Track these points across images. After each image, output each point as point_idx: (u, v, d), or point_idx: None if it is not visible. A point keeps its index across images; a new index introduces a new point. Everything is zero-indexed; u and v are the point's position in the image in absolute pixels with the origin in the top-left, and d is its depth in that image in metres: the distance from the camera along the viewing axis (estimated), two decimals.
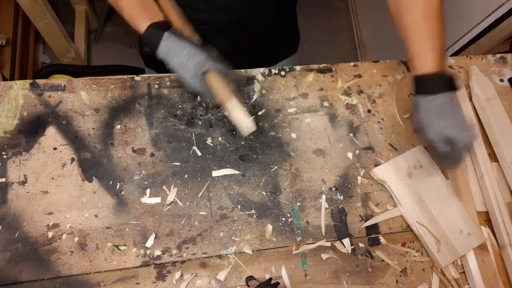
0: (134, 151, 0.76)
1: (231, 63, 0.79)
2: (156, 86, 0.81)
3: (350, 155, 0.81)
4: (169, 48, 0.68)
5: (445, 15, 0.69)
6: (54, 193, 0.71)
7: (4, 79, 1.41)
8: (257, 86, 0.84)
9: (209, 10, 0.83)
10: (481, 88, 0.87)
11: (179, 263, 0.70)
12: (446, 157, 0.70)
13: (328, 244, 0.74)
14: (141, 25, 0.69)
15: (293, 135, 0.81)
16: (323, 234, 0.75)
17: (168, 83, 0.82)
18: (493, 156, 0.83)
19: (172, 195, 0.73)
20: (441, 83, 0.66)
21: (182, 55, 0.68)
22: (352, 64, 0.90)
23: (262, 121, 0.81)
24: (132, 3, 0.71)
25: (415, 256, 0.76)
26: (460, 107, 0.68)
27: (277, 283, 0.65)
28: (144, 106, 0.79)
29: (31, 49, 1.74)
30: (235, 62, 0.84)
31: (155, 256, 0.69)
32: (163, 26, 0.69)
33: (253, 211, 0.75)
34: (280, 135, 0.81)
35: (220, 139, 0.79)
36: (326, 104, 0.85)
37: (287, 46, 1.08)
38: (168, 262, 0.70)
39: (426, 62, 0.66)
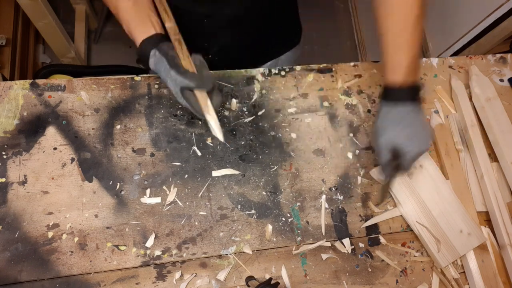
0: (134, 151, 0.76)
1: (236, 56, 0.79)
2: (156, 86, 0.81)
3: (350, 155, 0.81)
4: (155, 64, 0.70)
5: (426, 23, 0.69)
6: (54, 193, 0.71)
7: (4, 79, 1.41)
8: (257, 86, 0.84)
9: (213, 2, 0.83)
10: (481, 88, 0.87)
11: (179, 263, 0.70)
12: (388, 166, 0.70)
13: (328, 244, 0.74)
14: (137, 40, 0.70)
15: (293, 135, 0.81)
16: (323, 234, 0.75)
17: None
18: (493, 156, 0.83)
19: (172, 195, 0.73)
20: (405, 94, 0.67)
21: (162, 73, 0.69)
22: (352, 64, 0.90)
23: (262, 121, 0.81)
24: (129, 15, 0.71)
25: (415, 256, 0.76)
26: (422, 118, 0.69)
27: (277, 283, 0.65)
28: (144, 106, 0.79)
29: (31, 49, 1.74)
30: (240, 55, 0.83)
31: (155, 256, 0.69)
32: (154, 40, 0.69)
33: (253, 211, 0.75)
34: (280, 135, 0.81)
35: None
36: (326, 104, 0.85)
37: (290, 37, 1.09)
38: (168, 262, 0.70)
39: (394, 74, 0.68)
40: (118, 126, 0.77)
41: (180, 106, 0.80)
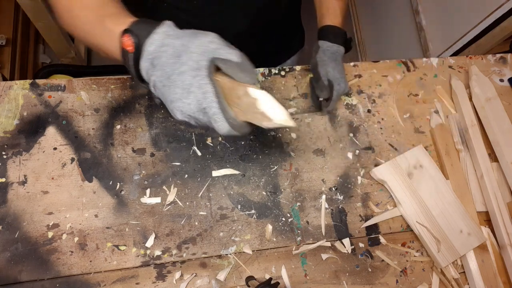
0: (134, 151, 0.76)
1: None
2: None
3: (350, 155, 0.81)
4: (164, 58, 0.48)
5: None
6: (54, 193, 0.71)
7: (4, 79, 1.41)
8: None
9: (221, 18, 0.83)
10: (481, 88, 0.87)
11: (179, 263, 0.70)
12: (323, 92, 0.78)
13: (328, 244, 0.74)
14: (114, 37, 0.49)
15: (293, 135, 0.81)
16: (323, 234, 0.75)
17: None
18: (493, 156, 0.83)
19: (172, 195, 0.73)
20: (340, 37, 0.79)
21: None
22: (352, 64, 0.90)
23: None
24: (93, 16, 0.53)
25: (415, 256, 0.76)
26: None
27: (277, 283, 0.65)
28: (144, 106, 0.79)
29: (31, 49, 1.74)
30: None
31: (155, 256, 0.69)
32: (148, 23, 0.49)
33: (253, 211, 0.75)
34: (280, 135, 0.81)
35: (220, 139, 0.79)
36: None
37: (294, 42, 1.10)
38: (168, 262, 0.70)
39: (335, 18, 0.81)
40: (118, 126, 0.77)
41: None
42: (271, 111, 0.45)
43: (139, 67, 0.48)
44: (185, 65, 0.45)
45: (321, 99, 0.80)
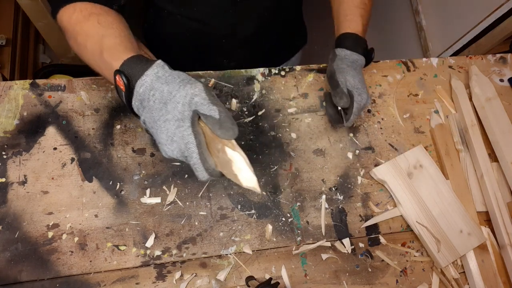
0: (134, 151, 0.76)
1: (251, 67, 0.83)
2: None
3: (350, 155, 0.81)
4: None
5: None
6: (54, 193, 0.71)
7: (4, 79, 1.41)
8: (257, 86, 0.84)
9: (224, 23, 0.83)
10: (481, 88, 0.87)
11: (179, 263, 0.70)
12: (342, 99, 0.71)
13: (328, 244, 0.74)
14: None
15: (293, 135, 0.81)
16: (323, 234, 0.75)
17: None
18: (493, 156, 0.83)
19: (172, 195, 0.73)
20: (360, 46, 0.75)
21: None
22: None
23: (262, 121, 0.81)
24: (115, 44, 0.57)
25: (415, 256, 0.76)
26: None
27: (277, 283, 0.65)
28: None
29: (31, 49, 1.74)
30: (254, 67, 0.87)
31: (155, 256, 0.69)
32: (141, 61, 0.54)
33: (253, 211, 0.75)
34: (280, 135, 0.81)
35: None
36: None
37: (299, 40, 1.11)
38: (168, 262, 0.70)
39: (355, 26, 0.76)
40: (118, 126, 0.77)
41: None
42: (242, 175, 0.48)
43: (131, 103, 0.53)
44: (170, 114, 0.49)
45: (339, 108, 0.73)
